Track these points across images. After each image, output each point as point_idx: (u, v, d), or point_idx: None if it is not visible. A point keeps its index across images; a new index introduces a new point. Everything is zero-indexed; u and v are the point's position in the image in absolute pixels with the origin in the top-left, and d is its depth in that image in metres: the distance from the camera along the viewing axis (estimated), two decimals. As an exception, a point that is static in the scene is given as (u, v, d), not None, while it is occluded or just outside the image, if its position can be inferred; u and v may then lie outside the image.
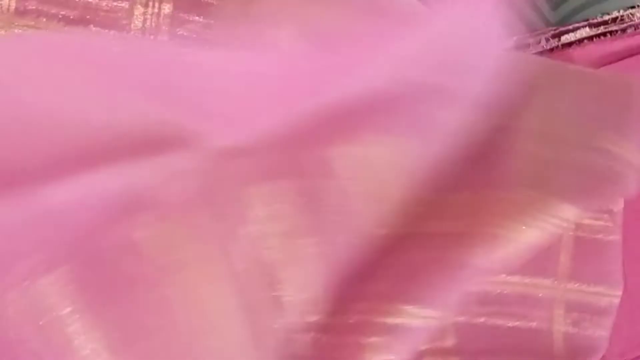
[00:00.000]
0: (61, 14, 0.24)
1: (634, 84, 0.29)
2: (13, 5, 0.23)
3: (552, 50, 0.32)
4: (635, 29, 0.33)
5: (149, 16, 0.25)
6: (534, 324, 0.28)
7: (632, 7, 0.33)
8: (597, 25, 0.33)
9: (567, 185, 0.26)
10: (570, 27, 0.33)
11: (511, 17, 0.32)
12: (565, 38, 0.32)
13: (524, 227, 0.25)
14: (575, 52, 0.32)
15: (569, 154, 0.27)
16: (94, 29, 0.24)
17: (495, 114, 0.25)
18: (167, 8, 0.25)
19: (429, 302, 0.24)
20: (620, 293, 0.30)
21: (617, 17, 0.33)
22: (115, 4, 0.24)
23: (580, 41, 0.32)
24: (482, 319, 0.27)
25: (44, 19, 0.24)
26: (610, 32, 0.33)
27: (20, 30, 0.23)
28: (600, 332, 0.29)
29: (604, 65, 0.33)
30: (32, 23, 0.24)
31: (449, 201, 0.26)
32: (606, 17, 0.33)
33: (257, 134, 0.22)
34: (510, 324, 0.28)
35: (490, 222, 0.25)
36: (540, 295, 0.28)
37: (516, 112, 0.27)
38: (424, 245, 0.25)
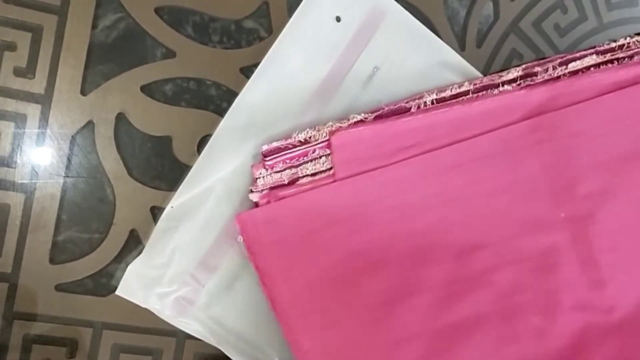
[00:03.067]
0: None
1: None
2: None
3: (559, 77, 0.33)
4: None
5: None
6: None
7: (639, 34, 0.33)
8: (604, 52, 0.33)
9: None
10: (577, 54, 0.33)
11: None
12: (573, 66, 0.33)
13: None
14: (582, 80, 0.32)
15: None
16: None
17: None
18: None
19: None
20: None
21: (623, 45, 0.33)
22: None
23: (587, 68, 0.33)
24: None
25: None
26: (618, 59, 0.33)
27: None
28: None
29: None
30: None
31: None
32: (613, 45, 0.33)
33: None
34: None
35: None
36: None
37: None
38: None
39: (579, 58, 0.33)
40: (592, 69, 0.33)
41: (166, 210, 0.31)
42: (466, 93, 0.32)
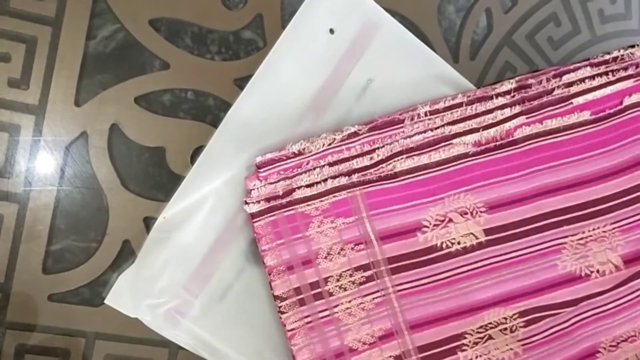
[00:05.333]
0: None
1: None
2: None
3: (553, 90, 0.33)
4: (636, 68, 0.33)
5: None
6: None
7: (632, 47, 0.33)
8: (598, 64, 0.33)
9: None
10: (572, 66, 0.33)
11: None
12: (567, 78, 0.33)
13: None
14: (575, 93, 0.33)
15: None
16: None
17: None
18: None
19: None
20: None
21: (617, 57, 0.33)
22: None
23: (581, 80, 0.33)
24: None
25: None
26: (612, 71, 0.33)
27: None
28: None
29: (605, 104, 0.33)
30: None
31: None
32: (607, 57, 0.33)
33: None
34: None
35: None
36: None
37: None
38: None
39: (573, 70, 0.33)
40: (586, 80, 0.33)
41: (158, 220, 0.32)
42: (459, 105, 0.32)
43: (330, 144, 0.31)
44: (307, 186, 0.31)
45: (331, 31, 0.33)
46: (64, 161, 0.32)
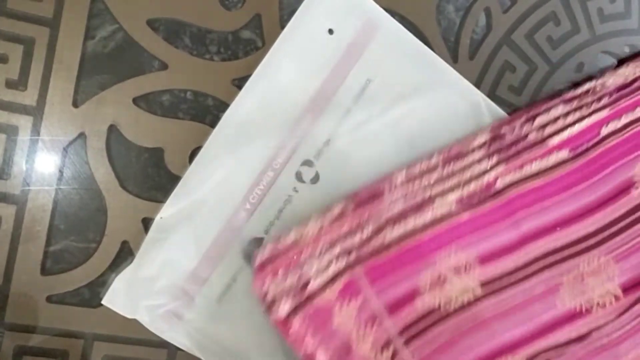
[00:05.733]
0: None
1: None
2: None
3: (527, 135, 0.33)
4: (609, 97, 0.33)
5: None
6: None
7: (602, 75, 0.34)
8: (571, 100, 0.33)
9: None
10: (543, 107, 0.33)
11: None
12: (540, 121, 0.33)
13: None
14: (550, 134, 0.33)
15: None
16: None
17: None
18: None
19: None
20: None
21: (589, 89, 0.33)
22: None
23: (554, 120, 0.33)
24: None
25: None
26: (585, 105, 0.33)
27: None
28: None
29: (582, 139, 0.33)
30: None
31: None
32: (579, 91, 0.33)
33: None
34: None
35: None
36: None
37: None
38: None
39: (545, 111, 0.33)
40: (560, 119, 0.33)
41: (155, 221, 0.31)
42: (435, 167, 0.32)
43: (320, 229, 0.31)
44: (318, 273, 0.30)
45: (330, 31, 0.33)
46: (62, 162, 0.32)
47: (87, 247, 0.32)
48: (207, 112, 0.33)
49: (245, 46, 0.33)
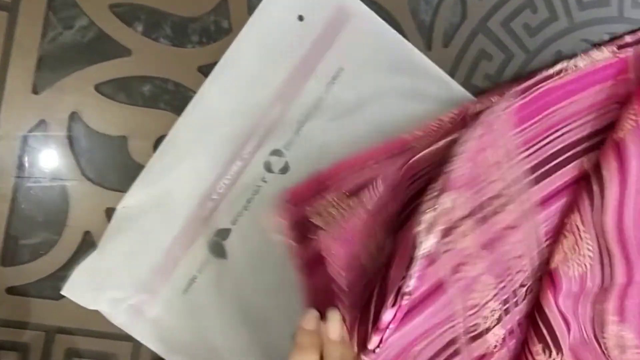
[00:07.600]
0: None
1: None
2: None
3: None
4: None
5: None
6: None
7: (575, 56, 0.33)
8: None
9: None
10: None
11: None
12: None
13: None
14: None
15: None
16: None
17: None
18: None
19: None
20: None
21: (560, 70, 0.33)
22: None
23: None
24: None
25: None
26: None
27: None
28: None
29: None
30: None
31: None
32: (551, 71, 0.33)
33: None
34: None
35: None
36: None
37: None
38: None
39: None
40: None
41: (117, 210, 0.31)
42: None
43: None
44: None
45: (300, 18, 0.32)
46: (22, 151, 0.31)
47: (49, 238, 0.31)
48: (173, 99, 0.32)
49: (212, 32, 0.32)
